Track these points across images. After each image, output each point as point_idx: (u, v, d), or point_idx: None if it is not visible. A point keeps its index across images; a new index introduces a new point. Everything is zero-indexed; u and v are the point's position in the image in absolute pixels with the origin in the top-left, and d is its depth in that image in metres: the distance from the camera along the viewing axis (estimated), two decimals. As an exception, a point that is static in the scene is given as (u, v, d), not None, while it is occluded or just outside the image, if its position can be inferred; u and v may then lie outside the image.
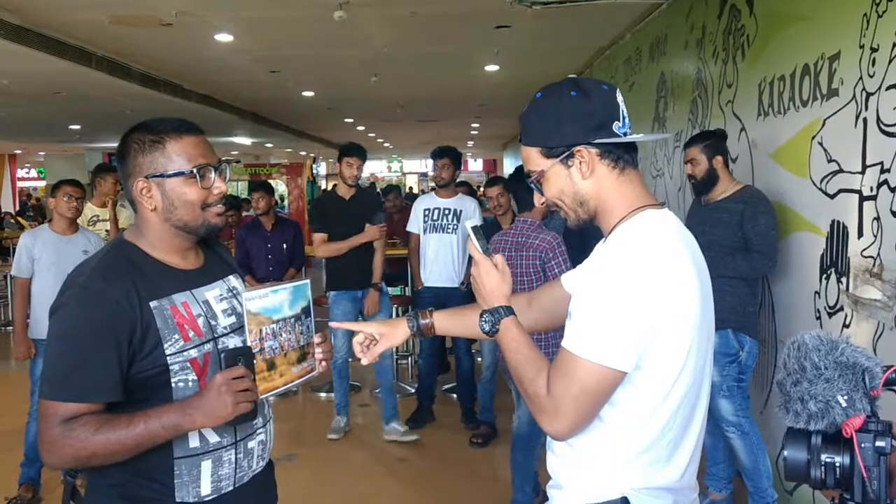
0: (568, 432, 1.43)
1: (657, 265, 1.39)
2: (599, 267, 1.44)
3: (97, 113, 11.10)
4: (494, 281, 1.56)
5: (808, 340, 1.20)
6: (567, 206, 1.55)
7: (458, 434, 5.28)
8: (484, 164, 32.66)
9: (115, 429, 1.53)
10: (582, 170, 1.49)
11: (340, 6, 5.39)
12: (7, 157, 21.22)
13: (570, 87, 1.50)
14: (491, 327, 1.55)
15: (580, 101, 1.48)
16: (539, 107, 1.53)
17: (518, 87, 10.15)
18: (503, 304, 1.55)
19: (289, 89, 9.87)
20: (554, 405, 1.41)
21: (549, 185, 1.54)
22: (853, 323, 2.95)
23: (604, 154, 1.49)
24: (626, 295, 1.37)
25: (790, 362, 1.20)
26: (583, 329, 1.39)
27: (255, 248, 6.39)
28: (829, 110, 3.11)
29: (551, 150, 1.51)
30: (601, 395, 1.40)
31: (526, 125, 1.56)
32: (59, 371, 1.58)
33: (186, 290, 1.70)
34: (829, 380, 1.16)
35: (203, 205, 1.70)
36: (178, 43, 6.72)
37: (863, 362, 1.16)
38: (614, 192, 1.50)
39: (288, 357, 1.73)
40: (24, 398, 4.39)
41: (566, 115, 1.48)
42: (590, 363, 1.37)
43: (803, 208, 3.39)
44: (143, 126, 1.71)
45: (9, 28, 5.62)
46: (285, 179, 17.31)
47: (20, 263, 4.24)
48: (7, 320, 9.93)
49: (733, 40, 4.23)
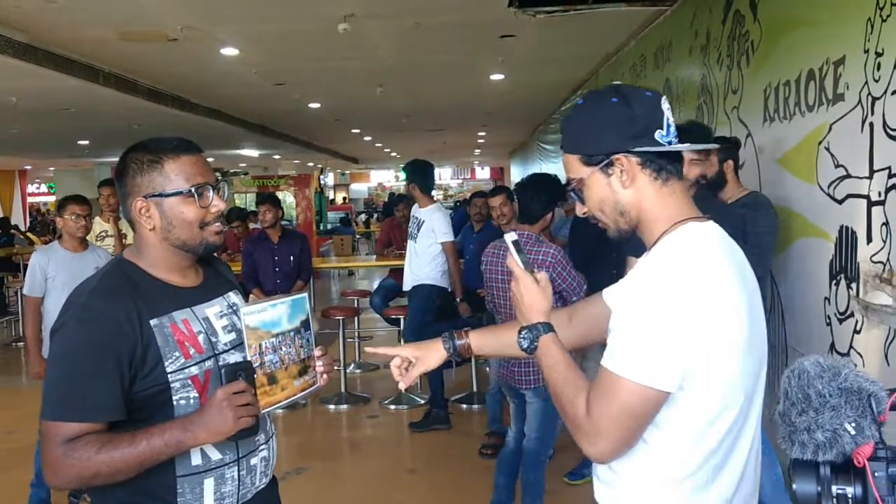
0: (609, 455, 1.38)
1: (701, 282, 1.34)
2: (641, 282, 1.38)
3: (105, 128, 11.16)
4: (534, 296, 1.53)
5: (808, 367, 1.15)
6: (607, 217, 1.50)
7: (470, 445, 5.26)
8: (491, 172, 32.68)
9: (118, 447, 1.53)
10: (622, 179, 1.44)
11: (345, 18, 5.41)
12: (17, 173, 21.36)
13: (612, 93, 1.45)
14: (529, 344, 1.51)
15: (620, 107, 1.43)
16: (579, 113, 1.50)
17: (524, 96, 10.17)
18: (542, 321, 1.51)
19: (295, 101, 9.90)
20: (594, 427, 1.35)
21: (589, 193, 1.49)
22: (864, 329, 2.93)
23: (645, 163, 1.43)
24: (669, 312, 1.31)
25: (793, 391, 1.15)
26: (624, 347, 1.34)
27: (262, 261, 6.40)
28: (836, 115, 3.09)
29: (591, 158, 1.46)
30: (644, 417, 1.35)
31: (566, 132, 1.52)
32: (60, 392, 1.59)
33: (186, 307, 1.71)
34: (836, 407, 1.11)
35: (201, 224, 1.70)
36: (185, 57, 6.75)
37: (867, 387, 1.12)
38: (656, 203, 1.45)
39: (289, 370, 1.73)
40: (34, 415, 4.38)
41: (605, 122, 1.44)
42: (632, 383, 1.31)
43: (811, 214, 3.37)
44: (141, 146, 1.71)
45: (17, 46, 5.66)
46: (293, 191, 17.35)
47: (33, 282, 4.21)
48: (18, 336, 9.97)
49: (738, 46, 4.22)
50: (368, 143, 18.20)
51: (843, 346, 3.09)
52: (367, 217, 25.82)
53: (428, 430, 5.57)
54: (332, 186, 31.46)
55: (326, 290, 13.72)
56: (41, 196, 27.51)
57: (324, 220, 20.40)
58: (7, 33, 5.49)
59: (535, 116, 13.28)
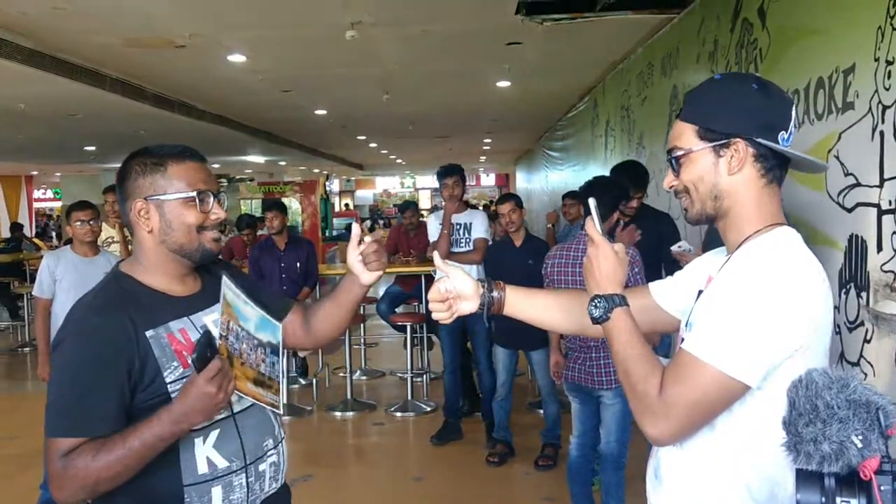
0: (670, 438, 1.37)
1: (802, 286, 1.34)
2: (741, 276, 1.36)
3: (112, 134, 11.18)
4: (611, 265, 1.48)
5: (817, 378, 1.14)
6: (698, 196, 1.47)
7: (477, 453, 5.25)
8: (496, 179, 32.68)
9: (112, 451, 1.53)
10: (731, 163, 1.42)
11: (352, 26, 5.42)
12: (24, 179, 21.42)
13: (754, 80, 1.44)
14: (603, 314, 1.46)
15: (759, 95, 1.41)
16: (714, 87, 1.47)
17: (530, 103, 10.17)
18: (619, 293, 1.47)
19: (301, 108, 9.91)
20: (665, 408, 1.33)
21: (690, 167, 1.46)
22: (874, 338, 2.92)
23: (759, 157, 1.42)
24: (771, 308, 1.31)
25: (800, 402, 1.14)
26: (715, 335, 1.32)
27: (268, 268, 6.40)
28: (845, 124, 3.08)
29: (709, 133, 1.43)
30: (717, 407, 1.34)
31: (692, 101, 1.49)
32: (59, 408, 1.59)
33: (183, 316, 1.71)
34: (844, 419, 1.09)
35: (199, 228, 1.70)
36: (192, 64, 6.76)
37: (876, 400, 1.10)
38: (753, 200, 1.43)
39: (244, 367, 1.66)
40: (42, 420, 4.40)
41: (739, 104, 1.41)
42: (717, 371, 1.31)
43: (820, 223, 3.36)
44: (145, 151, 1.72)
45: (24, 52, 5.68)
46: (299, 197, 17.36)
47: (42, 283, 4.28)
48: (24, 341, 10.00)
49: (746, 54, 4.21)
50: (374, 150, 18.21)
51: (853, 355, 3.07)
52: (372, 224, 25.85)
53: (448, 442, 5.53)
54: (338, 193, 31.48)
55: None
56: (47, 202, 27.58)
57: (329, 227, 20.42)
58: (14, 39, 5.51)
59: (541, 123, 13.28)
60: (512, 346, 5.06)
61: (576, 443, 3.81)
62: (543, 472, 4.90)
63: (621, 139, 7.67)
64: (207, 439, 1.66)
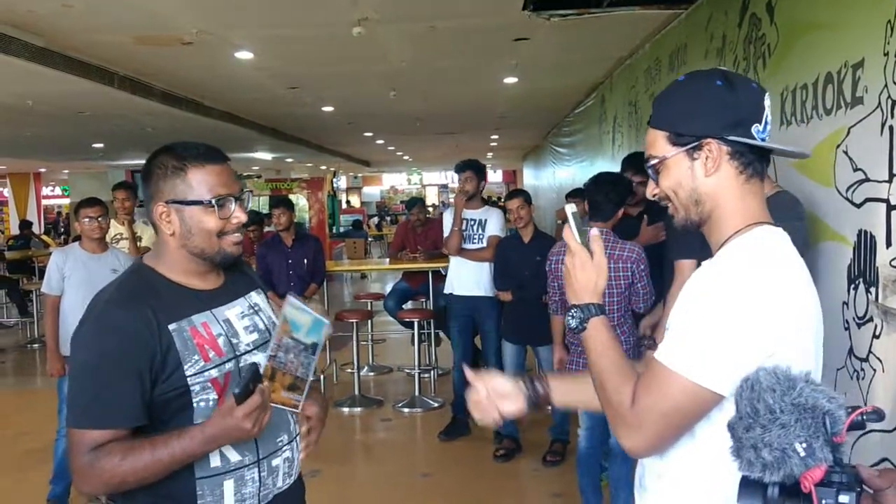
0: (646, 450, 1.35)
1: (777, 288, 1.28)
2: (712, 280, 1.32)
3: (119, 131, 11.21)
4: (589, 275, 1.45)
5: (762, 378, 1.06)
6: (679, 202, 1.43)
7: (484, 449, 5.26)
8: (504, 176, 32.65)
9: (141, 456, 1.55)
10: (707, 165, 1.38)
11: (359, 22, 5.41)
12: (32, 176, 21.50)
13: (718, 76, 1.39)
14: (579, 324, 1.44)
15: (724, 92, 1.37)
16: (678, 90, 1.43)
17: (537, 99, 10.15)
18: (595, 302, 1.44)
19: (308, 105, 9.92)
20: (638, 419, 1.31)
21: (667, 174, 1.43)
22: (883, 334, 2.91)
23: (734, 154, 1.37)
24: (739, 315, 1.26)
25: (742, 404, 1.07)
26: (685, 344, 1.29)
27: (275, 265, 6.41)
28: (854, 118, 3.07)
29: (679, 138, 1.40)
30: (691, 416, 1.31)
31: (659, 107, 1.45)
32: (82, 399, 1.60)
33: (206, 310, 1.71)
34: (785, 425, 1.02)
35: (220, 233, 1.70)
36: (199, 61, 6.77)
37: (823, 404, 1.02)
38: (734, 200, 1.39)
39: (285, 377, 1.69)
40: (51, 416, 4.43)
41: (705, 104, 1.38)
42: (687, 381, 1.27)
43: (829, 218, 3.34)
44: (168, 150, 1.72)
45: (33, 50, 5.70)
46: (306, 194, 17.39)
47: (51, 280, 4.30)
48: (33, 338, 10.04)
49: (754, 49, 4.19)
50: (381, 147, 18.21)
51: (861, 351, 3.06)
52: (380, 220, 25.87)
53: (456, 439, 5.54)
54: (345, 189, 31.50)
55: (339, 293, 13.75)
56: (55, 199, 27.67)
57: (336, 224, 20.45)
58: (23, 37, 5.52)
59: (549, 119, 13.25)
60: (520, 341, 5.06)
61: (584, 434, 3.81)
62: (551, 468, 4.90)
63: (629, 135, 7.66)
64: None
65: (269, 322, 1.84)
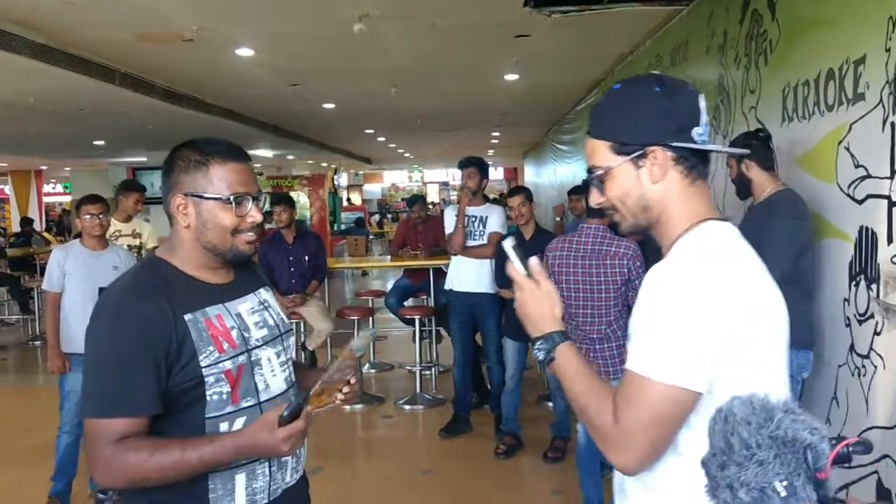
0: (638, 465, 1.30)
1: (727, 279, 1.29)
2: (664, 281, 1.32)
3: (120, 128, 11.21)
4: (542, 304, 1.45)
5: (736, 409, 0.97)
6: (627, 210, 1.43)
7: (486, 445, 5.26)
8: (505, 173, 32.62)
9: (169, 456, 1.56)
10: (653, 172, 1.38)
11: (360, 19, 5.41)
12: (33, 173, 21.51)
13: (655, 82, 1.39)
14: (546, 356, 1.43)
15: (664, 98, 1.37)
16: (618, 98, 1.42)
17: (538, 96, 10.14)
18: (556, 330, 1.44)
19: (309, 102, 9.91)
20: (623, 435, 1.28)
21: (613, 184, 1.42)
22: (884, 330, 2.91)
23: (679, 159, 1.38)
24: (695, 310, 1.26)
25: (716, 437, 0.98)
26: (651, 348, 1.28)
27: (277, 262, 6.42)
28: (856, 115, 3.07)
29: (623, 147, 1.39)
30: (674, 421, 1.28)
31: (599, 117, 1.44)
32: (99, 389, 1.61)
33: (219, 303, 1.73)
34: (763, 462, 0.93)
35: (234, 231, 1.71)
36: (200, 58, 6.77)
37: (804, 437, 0.93)
38: (681, 202, 1.40)
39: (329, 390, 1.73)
40: (53, 413, 4.43)
41: (647, 111, 1.37)
42: (662, 385, 1.25)
43: (831, 214, 3.34)
44: (191, 144, 1.73)
45: (35, 47, 5.70)
46: (307, 191, 17.39)
47: (51, 278, 4.30)
48: (35, 335, 10.06)
49: (756, 45, 4.19)
50: (382, 144, 18.20)
51: (862, 348, 3.06)
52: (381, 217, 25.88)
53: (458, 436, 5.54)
54: (346, 187, 31.48)
55: (340, 290, 13.76)
56: (57, 196, 27.67)
57: (337, 221, 20.45)
58: (24, 34, 5.52)
59: (550, 116, 13.24)
60: (521, 338, 5.06)
61: (583, 429, 3.81)
62: (552, 464, 4.90)
63: (630, 132, 7.64)
64: (233, 426, 1.68)
65: (277, 318, 1.86)
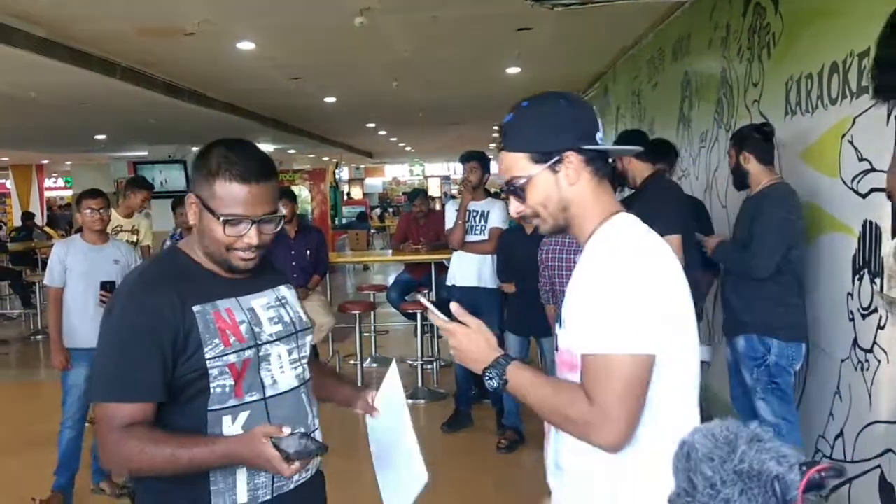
0: (622, 437, 1.40)
1: (653, 257, 1.45)
2: (596, 267, 1.46)
3: (122, 122, 11.21)
4: (478, 341, 1.56)
5: (698, 445, 0.93)
6: (548, 213, 1.56)
7: (487, 440, 5.25)
8: (506, 167, 32.58)
9: (162, 451, 1.59)
10: (569, 175, 1.52)
11: (361, 12, 5.39)
12: (35, 167, 21.51)
13: (559, 97, 1.56)
14: (499, 381, 1.52)
15: (570, 108, 1.54)
16: (529, 113, 1.56)
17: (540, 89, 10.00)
18: (499, 355, 1.54)
19: (311, 96, 9.90)
20: (602, 414, 1.39)
21: (534, 191, 1.55)
22: (888, 325, 2.90)
23: (588, 161, 1.53)
24: (635, 286, 1.40)
25: (679, 476, 0.94)
26: (604, 326, 1.40)
27: (278, 256, 6.39)
28: (859, 108, 3.06)
29: (542, 156, 1.53)
30: (641, 387, 1.40)
31: (512, 132, 1.57)
32: (104, 374, 1.67)
33: (232, 297, 1.74)
34: (729, 500, 0.88)
35: (227, 247, 1.71)
36: (201, 52, 6.76)
37: (771, 468, 0.88)
38: (592, 199, 1.55)
39: None
40: (55, 407, 4.43)
41: (560, 122, 1.53)
42: (622, 356, 1.38)
43: (834, 208, 3.33)
44: (218, 148, 1.70)
45: (36, 41, 5.69)
46: (308, 185, 17.37)
47: (53, 273, 4.29)
48: (37, 329, 10.06)
49: (758, 38, 4.17)
50: (383, 138, 18.19)
51: (866, 342, 3.06)
52: (382, 212, 25.85)
53: (459, 430, 5.54)
54: (347, 181, 31.44)
55: (342, 284, 13.75)
56: (58, 190, 27.67)
57: (339, 215, 20.42)
58: (26, 28, 5.52)
59: (551, 110, 13.23)
60: (523, 332, 5.06)
61: None
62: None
63: (632, 125, 7.63)
64: (237, 420, 1.69)
65: (294, 316, 1.86)
